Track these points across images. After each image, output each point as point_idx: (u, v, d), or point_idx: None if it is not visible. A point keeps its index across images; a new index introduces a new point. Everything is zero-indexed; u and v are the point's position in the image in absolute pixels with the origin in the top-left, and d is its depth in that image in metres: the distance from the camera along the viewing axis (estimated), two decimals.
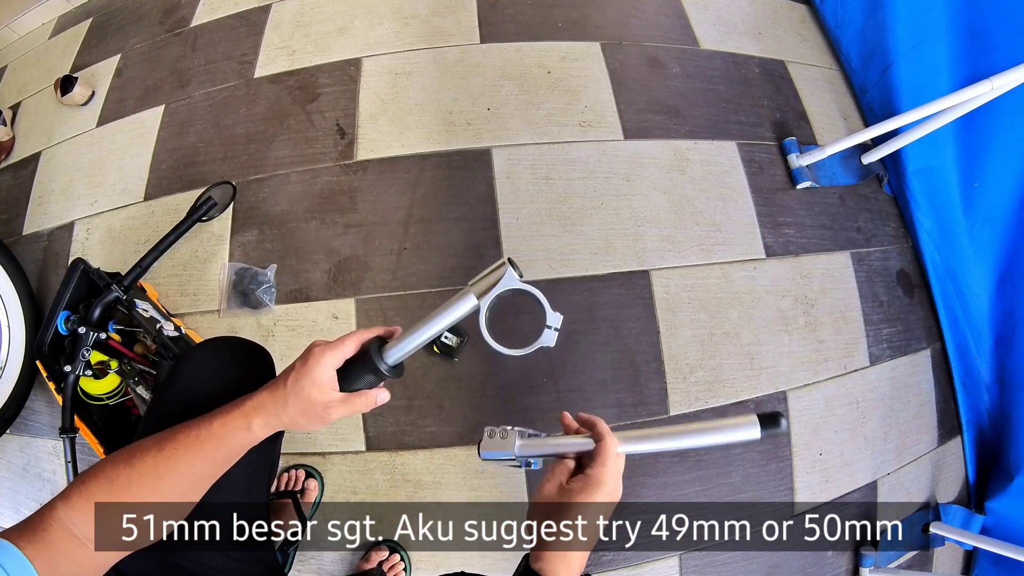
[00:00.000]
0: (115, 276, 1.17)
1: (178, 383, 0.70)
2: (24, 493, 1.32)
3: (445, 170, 1.36)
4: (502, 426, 0.60)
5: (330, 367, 0.56)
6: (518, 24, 1.55)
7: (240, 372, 0.72)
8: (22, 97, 1.77)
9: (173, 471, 0.53)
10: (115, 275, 1.18)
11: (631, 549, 1.17)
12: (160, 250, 1.22)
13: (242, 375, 0.72)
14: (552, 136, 1.40)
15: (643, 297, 1.29)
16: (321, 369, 0.55)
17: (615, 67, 1.51)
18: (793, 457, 1.27)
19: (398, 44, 1.52)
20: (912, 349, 1.44)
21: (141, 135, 1.52)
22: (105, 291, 1.10)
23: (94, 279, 1.16)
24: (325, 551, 1.16)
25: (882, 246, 1.49)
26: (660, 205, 1.37)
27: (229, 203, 1.35)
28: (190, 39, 1.65)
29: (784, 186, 1.46)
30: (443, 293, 1.24)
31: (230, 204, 1.36)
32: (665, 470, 1.20)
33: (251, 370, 0.74)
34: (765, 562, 1.22)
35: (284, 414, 0.55)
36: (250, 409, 0.55)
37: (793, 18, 1.76)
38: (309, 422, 0.56)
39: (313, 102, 1.46)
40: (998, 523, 1.37)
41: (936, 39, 1.39)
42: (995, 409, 1.44)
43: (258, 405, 0.55)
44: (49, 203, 1.52)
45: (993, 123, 1.31)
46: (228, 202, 1.35)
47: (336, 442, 1.19)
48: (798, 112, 1.58)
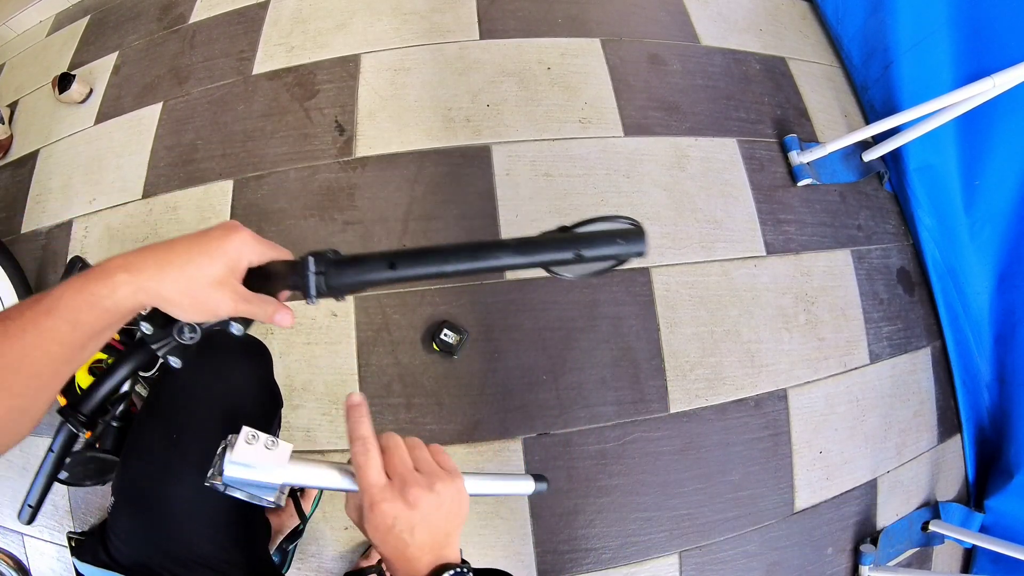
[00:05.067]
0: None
1: (176, 378, 0.69)
2: (24, 492, 1.32)
3: (444, 167, 1.35)
4: (265, 432, 0.45)
5: (248, 254, 0.45)
6: (518, 20, 1.55)
7: (239, 367, 0.72)
8: (20, 95, 1.76)
9: (14, 364, 0.38)
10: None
11: (631, 547, 1.17)
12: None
13: (241, 370, 0.72)
14: (552, 133, 1.40)
15: (643, 294, 1.29)
16: (238, 250, 0.44)
17: (615, 63, 1.50)
18: (793, 455, 1.27)
19: (397, 40, 1.51)
20: (912, 347, 1.44)
21: (139, 132, 1.51)
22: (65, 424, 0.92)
23: None
24: (325, 548, 1.16)
25: (883, 244, 1.49)
26: (660, 202, 1.37)
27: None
28: (188, 36, 1.64)
29: (785, 183, 1.46)
30: (442, 290, 1.24)
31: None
32: (665, 468, 1.20)
33: (251, 365, 0.74)
34: (765, 560, 1.22)
35: (163, 280, 0.41)
36: (115, 267, 0.40)
37: (794, 15, 1.75)
38: (190, 304, 0.42)
39: (312, 99, 1.45)
40: (997, 521, 1.37)
41: (938, 36, 1.38)
42: (995, 407, 1.44)
43: (128, 262, 0.40)
44: (47, 201, 1.52)
45: (994, 121, 1.30)
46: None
47: (336, 440, 1.19)
48: (799, 109, 1.57)
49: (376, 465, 0.43)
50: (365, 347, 1.23)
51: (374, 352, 1.22)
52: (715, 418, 1.24)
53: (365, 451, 0.44)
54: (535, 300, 1.25)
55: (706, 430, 1.23)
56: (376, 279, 0.44)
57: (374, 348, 1.22)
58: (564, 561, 1.15)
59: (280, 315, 0.47)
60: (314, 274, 0.43)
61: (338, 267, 0.44)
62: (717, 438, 1.23)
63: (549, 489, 0.56)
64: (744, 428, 1.25)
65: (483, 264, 0.42)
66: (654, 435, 1.21)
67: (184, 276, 0.41)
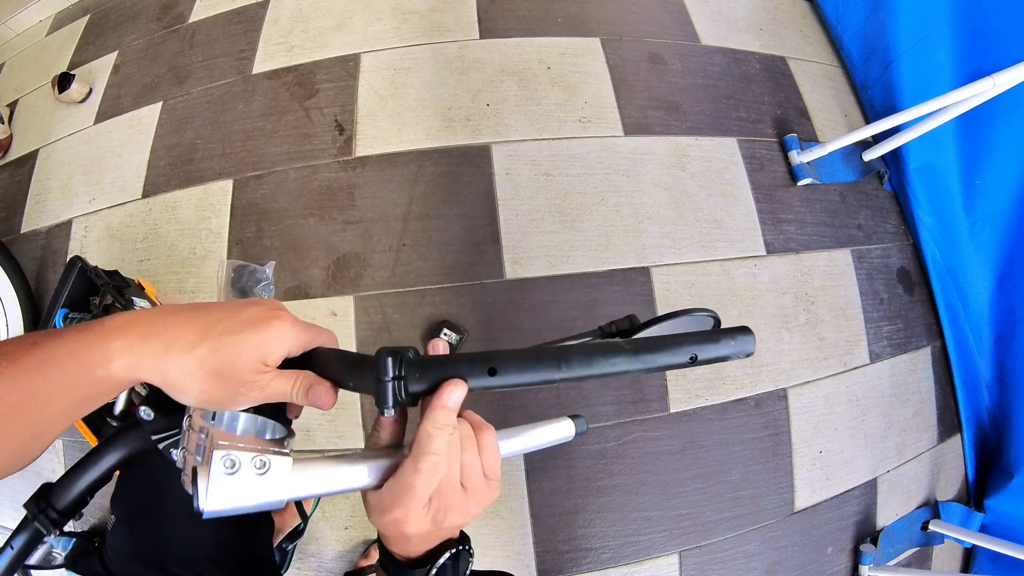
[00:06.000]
0: (113, 274, 1.17)
1: None
2: (24, 492, 1.32)
3: (444, 166, 1.35)
4: (238, 448, 0.34)
5: (287, 344, 0.37)
6: (517, 19, 1.54)
7: None
8: (19, 95, 1.76)
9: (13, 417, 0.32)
10: (113, 273, 1.18)
11: (631, 547, 1.17)
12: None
13: None
14: (552, 132, 1.40)
15: (643, 294, 1.29)
16: (276, 341, 0.36)
17: (615, 63, 1.50)
18: (793, 455, 1.27)
19: (397, 40, 1.51)
20: (912, 347, 1.44)
21: (139, 132, 1.51)
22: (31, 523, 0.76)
23: (92, 277, 1.16)
24: (325, 548, 1.16)
25: (883, 243, 1.49)
26: (660, 202, 1.37)
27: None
28: (187, 35, 1.64)
29: (785, 183, 1.46)
30: (442, 290, 1.24)
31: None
32: (665, 467, 1.20)
33: None
34: (765, 559, 1.22)
35: (168, 361, 0.33)
36: (114, 330, 0.33)
37: (794, 14, 1.75)
38: (199, 394, 0.34)
39: (311, 98, 1.45)
40: (997, 521, 1.37)
41: (938, 36, 1.38)
42: (995, 407, 1.44)
43: (130, 328, 0.33)
44: (47, 201, 1.51)
45: (995, 120, 1.30)
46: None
47: (335, 440, 1.19)
48: (799, 109, 1.57)
49: (429, 491, 0.35)
50: (365, 346, 1.22)
51: (374, 351, 1.22)
52: (715, 417, 1.24)
53: (432, 473, 0.35)
54: (535, 300, 1.25)
55: (706, 429, 1.23)
56: (470, 387, 0.36)
57: (374, 347, 1.22)
58: (564, 561, 1.15)
59: (324, 396, 0.38)
60: (392, 380, 0.35)
61: (423, 370, 0.36)
62: (717, 438, 1.23)
63: (585, 432, 0.48)
64: (744, 428, 1.25)
65: (598, 371, 0.35)
66: (654, 435, 1.21)
67: (195, 360, 0.33)
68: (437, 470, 0.35)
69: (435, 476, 0.35)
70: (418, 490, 0.35)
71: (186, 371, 0.33)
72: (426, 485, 0.35)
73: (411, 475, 0.35)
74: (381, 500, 0.36)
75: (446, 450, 0.35)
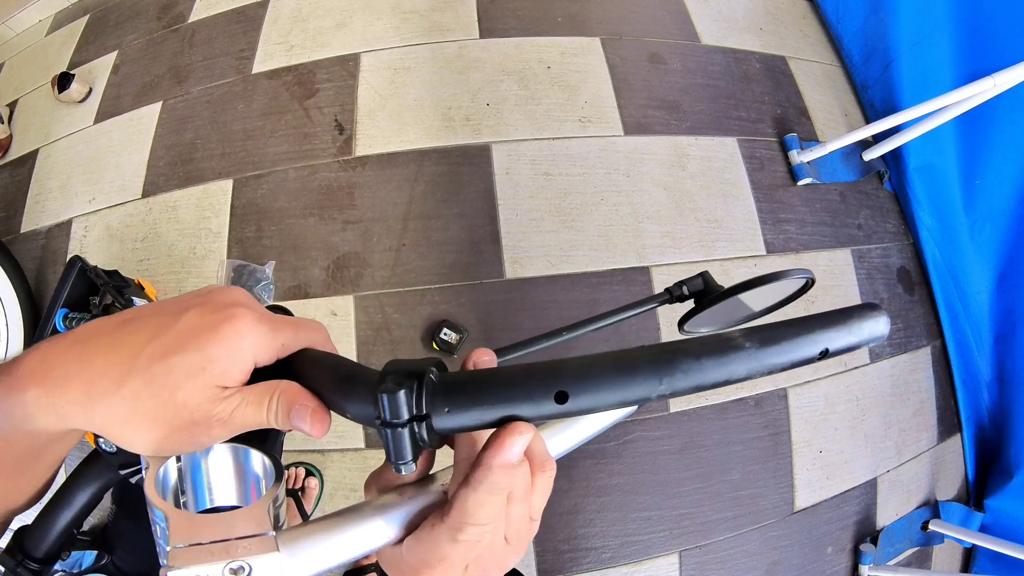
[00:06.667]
0: (113, 274, 1.17)
1: None
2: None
3: (444, 166, 1.35)
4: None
5: (252, 353, 0.26)
6: (517, 19, 1.54)
7: None
8: (19, 94, 1.76)
9: None
10: (113, 273, 1.18)
11: (631, 546, 1.17)
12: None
13: None
14: (552, 132, 1.40)
15: (643, 294, 1.28)
16: (236, 354, 0.26)
17: (615, 62, 1.50)
18: (793, 455, 1.27)
19: (397, 39, 1.51)
20: (912, 346, 1.44)
21: (139, 132, 1.51)
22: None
23: (91, 277, 1.16)
24: None
25: (883, 243, 1.49)
26: (660, 201, 1.37)
27: None
28: (187, 35, 1.64)
29: (785, 182, 1.45)
30: (442, 290, 1.24)
31: None
32: (665, 467, 1.20)
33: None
34: (765, 559, 1.22)
35: (93, 408, 0.25)
36: (27, 375, 0.25)
37: (794, 14, 1.75)
38: (143, 439, 0.25)
39: (311, 98, 1.45)
40: (997, 521, 1.37)
41: (938, 36, 1.38)
42: (995, 407, 1.44)
43: (46, 371, 0.25)
44: (47, 201, 1.51)
45: (995, 120, 1.30)
46: None
47: (335, 440, 1.19)
48: (799, 108, 1.57)
49: (468, 561, 0.27)
50: (365, 346, 1.22)
51: (374, 351, 1.22)
52: (715, 417, 1.24)
53: (475, 544, 0.26)
54: (535, 300, 1.25)
55: (706, 429, 1.23)
56: (527, 418, 0.24)
57: (374, 347, 1.22)
58: (564, 560, 1.15)
59: (318, 423, 0.26)
60: (409, 423, 0.23)
61: (458, 400, 0.23)
62: (717, 437, 1.23)
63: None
64: (744, 427, 1.25)
65: (711, 380, 0.24)
66: (654, 434, 1.21)
67: (126, 402, 0.24)
68: (482, 540, 0.26)
69: (478, 547, 0.26)
70: (454, 561, 0.26)
71: (119, 418, 0.24)
72: (465, 557, 0.27)
73: (447, 545, 0.26)
74: (402, 561, 0.28)
75: (497, 516, 0.26)
